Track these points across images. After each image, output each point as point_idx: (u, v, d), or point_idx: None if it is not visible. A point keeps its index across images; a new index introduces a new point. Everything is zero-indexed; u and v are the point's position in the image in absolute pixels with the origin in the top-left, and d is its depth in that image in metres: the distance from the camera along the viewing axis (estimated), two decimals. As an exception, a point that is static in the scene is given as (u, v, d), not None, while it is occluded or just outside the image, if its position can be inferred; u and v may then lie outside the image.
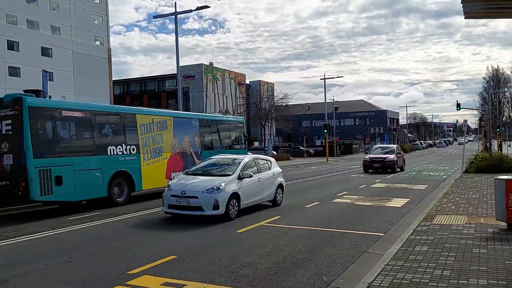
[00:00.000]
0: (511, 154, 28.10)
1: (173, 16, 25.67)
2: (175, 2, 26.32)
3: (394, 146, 30.45)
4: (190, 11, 27.29)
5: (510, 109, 69.01)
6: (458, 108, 35.07)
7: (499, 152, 32.53)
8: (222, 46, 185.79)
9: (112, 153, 13.83)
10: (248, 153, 19.70)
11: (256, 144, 60.58)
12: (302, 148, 58.27)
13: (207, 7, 25.10)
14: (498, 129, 45.04)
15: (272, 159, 13.83)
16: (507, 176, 8.94)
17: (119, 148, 14.11)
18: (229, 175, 11.23)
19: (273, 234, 9.08)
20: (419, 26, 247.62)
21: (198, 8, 25.25)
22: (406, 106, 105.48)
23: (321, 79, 56.98)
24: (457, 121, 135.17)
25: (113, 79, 54.50)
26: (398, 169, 27.24)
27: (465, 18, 8.25)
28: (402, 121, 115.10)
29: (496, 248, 7.05)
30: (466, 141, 29.27)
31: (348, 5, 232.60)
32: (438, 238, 7.92)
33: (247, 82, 75.97)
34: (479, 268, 6.03)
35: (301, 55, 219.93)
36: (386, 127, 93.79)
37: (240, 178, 11.25)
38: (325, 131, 45.78)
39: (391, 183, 19.84)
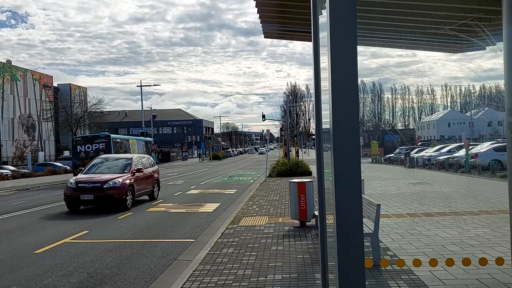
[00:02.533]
0: (305, 159, 32.36)
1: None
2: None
3: (134, 156, 16.53)
4: (-21, -2, 23.27)
5: (305, 120, 79.71)
6: (264, 119, 38.85)
7: (296, 158, 37.08)
8: (25, 43, 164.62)
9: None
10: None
11: (67, 153, 55.34)
12: (117, 156, 55.79)
13: (1, -4, 21.87)
14: (295, 138, 51.53)
15: None
16: (299, 179, 10.21)
17: (128, 153, 27.96)
18: None
19: (78, 251, 8.36)
20: (231, 41, 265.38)
21: (-10, -4, 21.80)
22: (220, 116, 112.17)
23: (137, 86, 55.56)
24: (263, 130, 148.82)
25: None
26: (146, 196, 16.13)
27: (264, 37, 9.14)
28: (217, 130, 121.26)
29: (290, 245, 7.93)
30: (268, 149, 31.93)
31: (165, 14, 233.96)
32: (243, 239, 8.50)
33: (56, 84, 68.94)
34: (275, 264, 6.67)
35: (118, 60, 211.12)
36: (202, 136, 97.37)
37: None
38: (142, 139, 45.02)
39: (205, 189, 20.57)
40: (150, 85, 60.75)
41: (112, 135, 28.41)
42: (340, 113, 1.62)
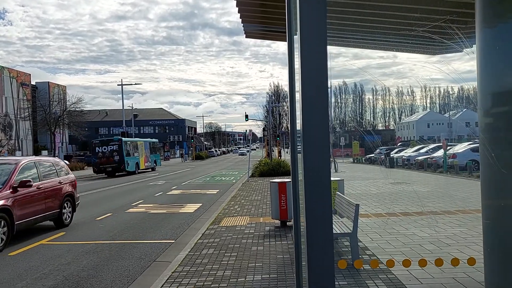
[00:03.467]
0: (287, 160, 32.47)
1: None
2: None
3: (22, 161, 10.07)
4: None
5: (287, 120, 79.96)
6: (247, 119, 38.83)
7: (279, 158, 37.16)
8: (2, 40, 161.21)
9: (136, 155, 37.63)
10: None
11: (45, 153, 54.27)
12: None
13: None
14: (278, 138, 51.57)
15: None
16: (280, 179, 10.23)
17: (136, 153, 37.85)
18: None
19: (54, 253, 8.19)
20: (214, 41, 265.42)
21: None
22: (203, 116, 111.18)
23: (118, 85, 54.94)
24: (246, 130, 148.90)
25: None
26: (43, 223, 10.58)
27: (246, 37, 9.10)
28: (200, 129, 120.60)
29: (270, 245, 7.92)
30: (250, 149, 32.10)
31: (147, 12, 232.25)
32: (224, 239, 8.47)
33: (34, 83, 67.57)
34: (255, 264, 6.65)
35: (99, 58, 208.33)
36: (185, 135, 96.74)
37: None
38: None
39: (186, 189, 20.43)
40: (132, 84, 60.40)
41: (123, 139, 36.34)
42: (310, 113, 1.61)
